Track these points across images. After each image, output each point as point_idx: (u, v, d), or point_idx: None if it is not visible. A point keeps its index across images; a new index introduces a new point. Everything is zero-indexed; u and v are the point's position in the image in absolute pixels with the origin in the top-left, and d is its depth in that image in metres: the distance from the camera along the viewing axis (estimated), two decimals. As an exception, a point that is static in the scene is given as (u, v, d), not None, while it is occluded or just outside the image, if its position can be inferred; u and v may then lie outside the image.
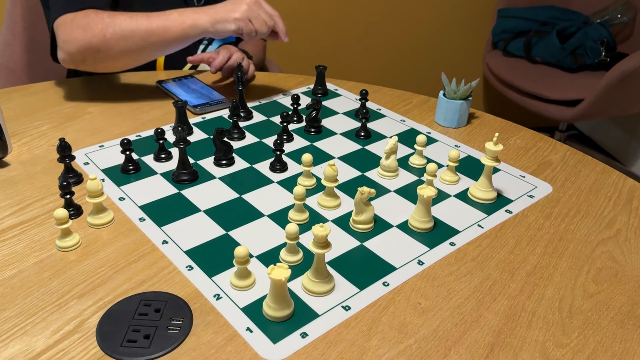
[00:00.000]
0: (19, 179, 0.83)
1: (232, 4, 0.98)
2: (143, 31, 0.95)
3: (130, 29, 0.95)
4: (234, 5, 0.97)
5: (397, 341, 0.58)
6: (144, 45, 0.97)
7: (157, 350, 0.55)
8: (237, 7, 0.97)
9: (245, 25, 0.96)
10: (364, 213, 0.73)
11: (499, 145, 0.78)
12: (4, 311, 0.60)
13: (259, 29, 0.98)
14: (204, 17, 0.96)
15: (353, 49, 2.47)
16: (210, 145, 0.93)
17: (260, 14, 0.98)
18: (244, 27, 0.96)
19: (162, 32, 0.96)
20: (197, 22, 0.96)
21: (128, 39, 0.96)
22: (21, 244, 0.70)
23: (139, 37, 0.96)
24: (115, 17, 0.96)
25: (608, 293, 0.65)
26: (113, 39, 0.95)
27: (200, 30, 0.97)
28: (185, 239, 0.71)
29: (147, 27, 0.96)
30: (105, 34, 0.95)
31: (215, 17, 0.96)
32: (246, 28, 0.96)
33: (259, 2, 0.99)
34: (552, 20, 2.25)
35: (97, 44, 0.95)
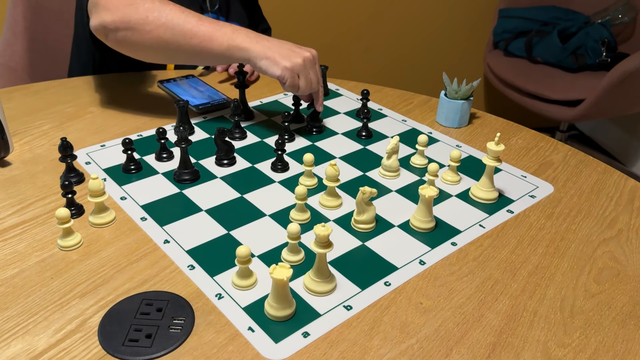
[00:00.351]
0: (20, 179, 0.83)
1: (289, 49, 0.90)
2: (188, 30, 0.88)
3: (175, 22, 0.88)
4: (291, 53, 0.89)
5: (398, 341, 0.58)
6: (181, 44, 0.89)
7: (158, 349, 0.55)
8: (292, 55, 0.89)
9: (291, 78, 0.89)
10: (365, 213, 0.73)
11: (500, 145, 0.78)
12: (6, 310, 0.60)
13: (303, 87, 0.91)
14: (256, 46, 0.88)
15: (354, 49, 2.47)
16: (211, 144, 0.93)
17: (310, 74, 0.91)
18: (289, 79, 0.89)
19: (206, 39, 0.88)
20: (245, 47, 0.88)
21: (168, 30, 0.88)
22: (23, 243, 0.70)
23: (180, 33, 0.88)
24: (166, 4, 0.89)
25: (610, 293, 0.65)
26: (153, 24, 0.88)
27: (244, 56, 0.89)
28: (187, 239, 0.71)
29: (193, 28, 0.88)
30: (148, 15, 0.88)
31: (267, 53, 0.88)
32: (291, 81, 0.89)
33: (314, 60, 0.92)
34: (553, 21, 2.25)
35: (135, 22, 0.88)
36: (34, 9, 1.36)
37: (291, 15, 2.28)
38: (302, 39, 2.38)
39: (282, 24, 2.27)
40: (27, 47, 1.37)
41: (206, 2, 1.23)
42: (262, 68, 0.89)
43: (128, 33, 0.89)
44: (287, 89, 0.90)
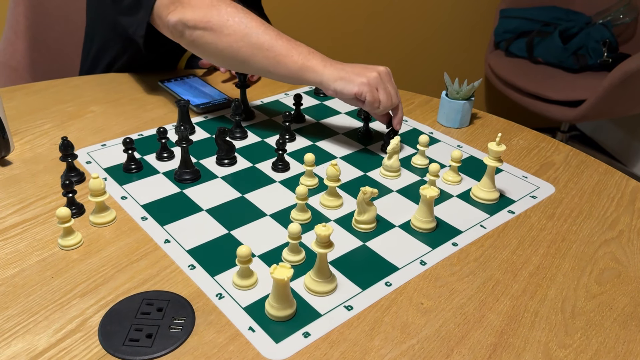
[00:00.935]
0: (21, 178, 0.83)
1: (362, 67, 0.88)
2: (265, 41, 0.87)
3: (254, 31, 0.87)
4: (364, 70, 0.88)
5: (399, 341, 0.57)
6: (255, 54, 0.88)
7: (159, 349, 0.55)
8: (366, 72, 0.87)
9: (370, 93, 0.86)
10: (366, 213, 0.73)
11: (501, 145, 0.78)
12: (6, 310, 0.60)
13: (384, 101, 0.87)
14: (330, 69, 0.87)
15: (355, 49, 2.47)
16: (212, 144, 0.93)
17: (389, 87, 0.89)
18: (368, 94, 0.86)
19: (281, 55, 0.87)
20: (318, 69, 0.87)
21: (246, 38, 0.87)
22: (23, 242, 0.70)
23: (257, 43, 0.87)
24: (247, 13, 0.89)
25: (611, 294, 0.65)
26: (232, 28, 0.87)
27: (316, 79, 0.88)
28: (188, 238, 0.71)
29: (270, 41, 0.87)
30: (229, 19, 0.87)
31: (341, 74, 0.86)
32: (370, 96, 0.86)
33: (389, 74, 0.90)
34: (554, 21, 2.25)
35: (215, 23, 0.87)
36: (35, 8, 1.36)
37: (292, 17, 2.28)
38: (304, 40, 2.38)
39: (283, 25, 2.27)
40: (28, 46, 1.37)
41: None
42: (336, 89, 0.87)
43: (205, 33, 0.88)
44: (367, 106, 0.87)
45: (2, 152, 0.85)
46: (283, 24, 2.27)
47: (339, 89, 0.87)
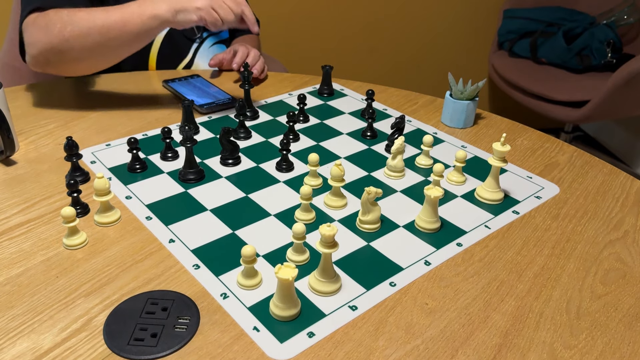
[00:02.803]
0: (26, 177, 0.83)
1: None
2: (100, 26, 0.90)
3: (87, 25, 0.90)
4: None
5: (404, 341, 0.57)
6: (103, 42, 0.91)
7: (164, 348, 0.55)
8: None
9: (208, 15, 0.90)
10: (370, 213, 0.73)
11: (506, 145, 0.78)
12: (12, 309, 0.60)
13: (225, 17, 0.91)
14: (164, 6, 0.90)
15: (359, 49, 2.47)
16: (216, 144, 0.93)
17: (225, 1, 0.91)
18: (207, 17, 0.90)
19: (120, 26, 0.90)
20: (156, 13, 0.90)
21: (87, 37, 0.90)
22: (28, 242, 0.70)
23: (97, 33, 0.90)
24: (73, 14, 0.91)
25: (616, 294, 0.65)
26: (72, 38, 0.90)
27: (160, 21, 0.91)
28: (192, 238, 0.71)
29: (104, 22, 0.90)
30: (64, 33, 0.90)
31: (176, 6, 0.90)
32: (209, 17, 0.90)
33: None
34: (558, 21, 2.25)
35: (58, 44, 0.91)
36: (39, 8, 1.36)
37: (297, 17, 2.29)
38: (308, 40, 2.39)
39: (288, 24, 2.27)
40: (32, 46, 1.37)
41: None
42: (180, 22, 0.90)
43: (59, 57, 0.92)
44: (212, 27, 0.91)
45: (7, 151, 0.86)
46: (288, 24, 2.28)
47: (182, 21, 0.90)
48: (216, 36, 1.29)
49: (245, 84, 1.02)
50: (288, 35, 2.29)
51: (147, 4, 0.91)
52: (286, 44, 2.30)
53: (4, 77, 1.36)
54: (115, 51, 0.95)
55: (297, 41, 2.34)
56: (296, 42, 2.34)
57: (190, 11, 0.89)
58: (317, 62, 2.33)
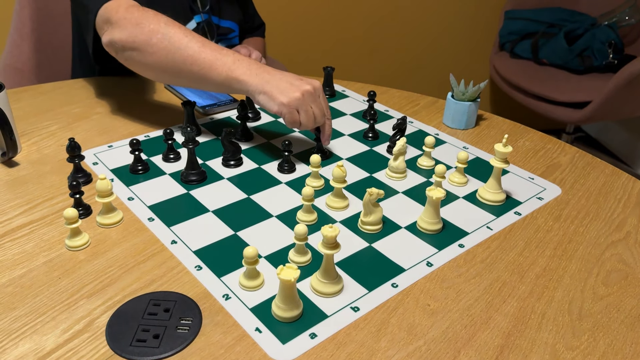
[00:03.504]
0: (28, 179, 0.83)
1: (288, 82, 0.85)
2: (189, 55, 0.86)
3: (177, 46, 0.87)
4: (289, 87, 0.84)
5: (406, 342, 0.57)
6: (181, 69, 0.88)
7: (166, 350, 0.55)
8: (291, 90, 0.84)
9: (290, 114, 0.84)
10: (372, 214, 0.73)
11: (508, 146, 0.78)
12: (14, 310, 0.60)
13: (305, 122, 0.85)
14: (255, 79, 0.85)
15: (360, 51, 2.47)
16: (218, 145, 0.93)
17: (313, 108, 0.85)
18: (287, 116, 0.84)
19: (205, 68, 0.86)
20: (243, 79, 0.85)
21: (170, 55, 0.87)
22: (30, 243, 0.70)
23: (181, 58, 0.87)
24: (171, 26, 0.89)
25: (618, 295, 0.65)
26: (156, 46, 0.88)
27: (243, 88, 0.86)
28: (194, 239, 0.71)
29: (194, 54, 0.86)
30: (152, 37, 0.88)
31: (265, 87, 0.84)
32: (289, 117, 0.84)
33: (316, 93, 0.86)
34: (559, 22, 2.25)
35: (140, 42, 0.88)
36: (40, 10, 1.37)
37: (298, 18, 2.29)
38: (310, 41, 2.39)
39: (289, 26, 2.28)
40: (33, 48, 1.38)
41: (197, 3, 1.22)
42: (260, 102, 0.86)
43: (133, 53, 0.90)
44: (288, 125, 0.86)
45: (9, 153, 0.86)
46: (290, 25, 2.28)
47: (262, 103, 0.85)
48: (227, 42, 1.29)
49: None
50: (289, 36, 2.30)
51: (242, 64, 0.86)
52: (288, 46, 2.30)
53: (6, 78, 1.36)
54: (182, 80, 0.92)
55: (298, 42, 2.34)
56: (298, 43, 2.34)
57: (274, 101, 0.84)
58: (318, 64, 2.34)
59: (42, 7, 1.37)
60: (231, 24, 1.31)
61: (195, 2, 1.21)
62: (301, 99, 0.84)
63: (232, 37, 1.32)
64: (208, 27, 1.24)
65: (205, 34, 1.25)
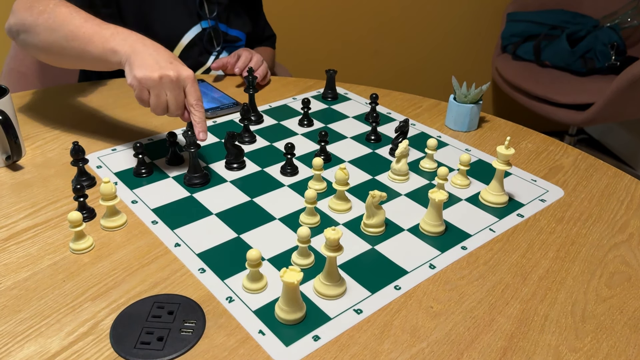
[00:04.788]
0: (32, 182, 0.83)
1: (155, 60, 0.80)
2: (69, 31, 0.85)
3: (60, 23, 0.85)
4: (153, 64, 0.79)
5: (409, 345, 0.58)
6: (64, 46, 0.86)
7: (170, 352, 0.55)
8: (152, 68, 0.79)
9: (139, 91, 0.80)
10: (375, 216, 0.73)
11: (510, 149, 0.78)
12: (19, 313, 0.60)
13: (153, 107, 0.81)
14: (126, 49, 0.81)
15: (363, 53, 2.47)
16: (221, 148, 0.93)
17: (167, 95, 0.80)
18: (136, 92, 0.80)
19: (84, 41, 0.84)
20: (117, 50, 0.82)
21: (54, 32, 0.86)
22: (35, 246, 0.70)
23: (63, 35, 0.85)
24: (59, 5, 0.87)
25: (621, 297, 0.65)
26: (42, 26, 0.87)
27: (116, 59, 0.82)
28: (198, 242, 0.71)
29: (75, 29, 0.84)
30: (38, 18, 0.87)
31: (131, 57, 0.80)
32: (137, 94, 0.81)
33: (178, 82, 0.80)
34: (561, 24, 2.25)
35: (29, 24, 0.88)
36: (45, 14, 1.37)
37: (301, 20, 2.29)
38: (312, 44, 2.40)
39: (291, 28, 2.28)
40: (38, 52, 1.38)
41: (204, 9, 1.22)
42: (125, 72, 0.82)
43: (25, 35, 0.91)
44: (136, 100, 0.82)
45: (14, 156, 0.86)
46: (292, 28, 2.28)
47: (125, 72, 0.81)
48: (234, 49, 1.29)
49: (250, 88, 1.02)
50: (292, 39, 2.30)
51: (120, 35, 0.83)
52: (290, 48, 2.31)
53: (11, 82, 1.37)
54: (67, 59, 0.90)
55: (301, 45, 2.34)
56: (300, 46, 2.34)
57: (130, 73, 0.80)
58: (321, 66, 2.33)
59: (45, 11, 1.37)
60: (239, 34, 1.31)
61: (202, 9, 1.22)
62: (157, 81, 0.79)
63: (239, 46, 1.33)
64: (214, 33, 1.25)
65: (211, 39, 1.25)
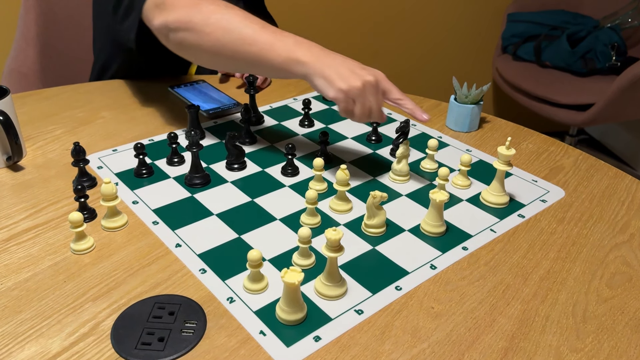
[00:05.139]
0: (33, 183, 0.83)
1: (350, 70, 0.79)
2: (247, 35, 0.81)
3: (236, 25, 0.82)
4: (351, 74, 0.79)
5: (410, 345, 0.58)
6: (239, 50, 0.82)
7: (171, 352, 0.55)
8: (352, 78, 0.78)
9: (345, 103, 0.79)
10: (375, 217, 0.73)
11: (511, 149, 0.78)
12: (20, 313, 0.60)
13: (359, 115, 0.80)
14: (316, 62, 0.79)
15: (363, 54, 2.47)
16: (222, 149, 0.93)
17: (370, 101, 0.80)
18: (342, 104, 0.79)
19: (265, 48, 0.81)
20: (304, 60, 0.79)
21: (227, 34, 0.82)
22: (36, 247, 0.70)
23: (239, 38, 0.81)
24: (231, 7, 0.84)
25: (622, 298, 0.65)
26: (213, 26, 0.83)
27: (302, 71, 0.80)
28: (198, 242, 0.71)
29: (254, 34, 0.81)
30: (210, 16, 0.83)
31: (325, 71, 0.78)
32: (344, 106, 0.79)
33: (379, 86, 0.81)
34: (562, 25, 2.25)
35: (197, 23, 0.83)
36: (45, 15, 1.38)
37: (300, 21, 2.29)
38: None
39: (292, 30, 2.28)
40: (39, 53, 1.39)
41: None
42: (317, 87, 0.80)
43: (187, 34, 0.85)
44: (341, 114, 0.81)
45: (14, 157, 0.86)
46: (291, 27, 2.28)
47: (319, 87, 0.79)
48: None
49: (250, 89, 1.02)
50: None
51: (303, 45, 0.81)
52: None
53: (12, 83, 1.37)
54: (238, 63, 0.86)
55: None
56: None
57: (332, 87, 0.78)
58: (321, 67, 2.34)
59: (47, 12, 1.38)
60: None
61: None
62: (361, 89, 0.78)
63: None
64: None
65: None
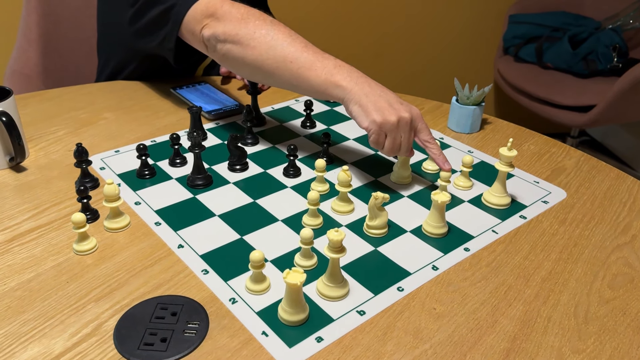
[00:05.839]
0: (36, 184, 0.84)
1: (387, 102, 0.80)
2: (289, 53, 0.84)
3: (280, 42, 0.85)
4: (387, 107, 0.79)
5: (412, 346, 0.58)
6: (279, 66, 0.85)
7: (173, 353, 0.56)
8: (388, 111, 0.79)
9: (377, 135, 0.80)
10: (377, 218, 0.73)
11: (513, 150, 0.78)
12: (23, 314, 0.60)
13: (387, 149, 0.81)
14: (354, 88, 0.81)
15: (364, 55, 2.48)
16: (224, 150, 0.93)
17: (402, 137, 0.81)
18: (374, 136, 0.80)
19: (304, 67, 0.83)
20: (343, 85, 0.81)
21: (271, 50, 0.85)
22: (39, 247, 0.70)
23: (281, 55, 0.84)
24: (277, 25, 0.88)
25: (624, 299, 0.65)
26: (258, 40, 0.86)
27: (339, 95, 0.82)
28: (201, 243, 0.72)
29: (295, 52, 0.84)
30: (255, 31, 0.86)
31: (362, 99, 0.80)
32: (375, 138, 0.80)
33: (412, 124, 0.81)
34: (563, 26, 2.25)
35: (242, 36, 0.86)
36: (47, 16, 1.38)
37: (302, 22, 2.29)
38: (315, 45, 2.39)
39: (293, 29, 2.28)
40: (41, 54, 1.39)
41: None
42: (352, 113, 0.81)
43: (233, 47, 0.88)
44: (370, 144, 0.82)
45: (17, 158, 0.86)
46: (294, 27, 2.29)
47: (354, 114, 0.81)
48: None
49: (252, 90, 1.02)
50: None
51: (343, 69, 0.83)
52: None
53: (14, 84, 1.37)
54: (278, 79, 0.88)
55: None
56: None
57: (367, 117, 0.80)
58: (322, 68, 2.34)
59: (49, 13, 1.38)
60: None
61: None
62: (394, 124, 0.79)
63: None
64: None
65: None
